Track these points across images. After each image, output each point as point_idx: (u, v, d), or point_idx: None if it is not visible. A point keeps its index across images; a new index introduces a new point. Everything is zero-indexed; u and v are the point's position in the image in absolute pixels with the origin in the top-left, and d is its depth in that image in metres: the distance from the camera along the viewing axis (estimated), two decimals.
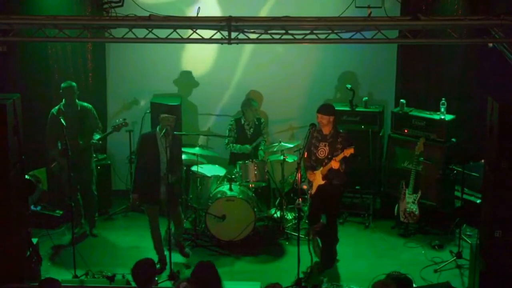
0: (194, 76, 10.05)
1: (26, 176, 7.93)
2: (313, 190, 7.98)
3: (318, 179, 7.90)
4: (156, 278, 6.63)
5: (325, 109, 7.95)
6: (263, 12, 9.45)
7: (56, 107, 8.62)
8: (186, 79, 10.05)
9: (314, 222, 8.14)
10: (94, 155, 9.10)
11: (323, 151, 7.90)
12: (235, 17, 6.83)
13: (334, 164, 7.68)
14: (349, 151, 7.57)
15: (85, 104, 8.77)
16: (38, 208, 9.19)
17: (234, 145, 9.35)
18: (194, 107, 10.14)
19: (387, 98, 9.90)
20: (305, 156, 8.04)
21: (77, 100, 8.66)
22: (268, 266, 8.36)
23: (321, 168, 7.85)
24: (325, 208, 8.05)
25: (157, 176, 7.94)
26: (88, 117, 8.74)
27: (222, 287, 5.64)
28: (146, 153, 8.00)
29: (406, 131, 9.23)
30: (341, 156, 7.64)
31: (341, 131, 7.99)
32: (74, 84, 8.67)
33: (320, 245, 8.12)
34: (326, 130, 7.91)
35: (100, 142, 8.94)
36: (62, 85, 8.64)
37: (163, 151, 7.79)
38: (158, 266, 7.63)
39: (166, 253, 7.97)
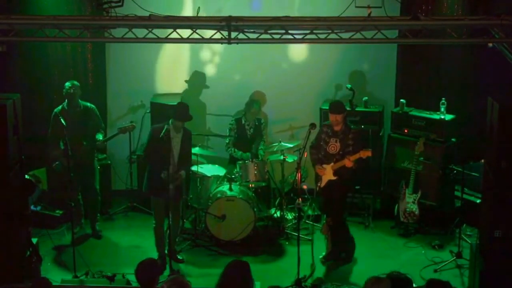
0: (194, 76, 10.04)
1: (26, 176, 7.92)
2: (323, 183, 8.10)
3: (328, 173, 8.01)
4: None
5: (337, 108, 8.04)
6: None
7: (59, 107, 8.58)
8: (186, 79, 10.05)
9: (327, 216, 8.27)
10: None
11: (334, 146, 8.02)
12: (235, 17, 6.82)
13: (348, 163, 7.81)
14: (366, 153, 7.75)
15: (88, 104, 8.74)
16: (38, 208, 9.18)
17: (236, 150, 9.31)
18: (194, 107, 10.11)
19: (387, 98, 9.89)
20: (313, 150, 8.18)
21: (79, 100, 8.64)
22: (268, 266, 8.36)
23: (332, 164, 7.96)
24: (332, 203, 8.17)
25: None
26: (91, 117, 8.69)
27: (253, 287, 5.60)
28: (155, 146, 7.91)
29: (406, 131, 9.24)
30: (356, 156, 7.78)
31: (352, 127, 8.13)
32: (76, 83, 8.61)
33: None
34: (338, 127, 8.01)
35: (105, 143, 8.94)
36: (66, 84, 8.57)
37: (170, 147, 7.80)
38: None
39: (166, 252, 7.98)
